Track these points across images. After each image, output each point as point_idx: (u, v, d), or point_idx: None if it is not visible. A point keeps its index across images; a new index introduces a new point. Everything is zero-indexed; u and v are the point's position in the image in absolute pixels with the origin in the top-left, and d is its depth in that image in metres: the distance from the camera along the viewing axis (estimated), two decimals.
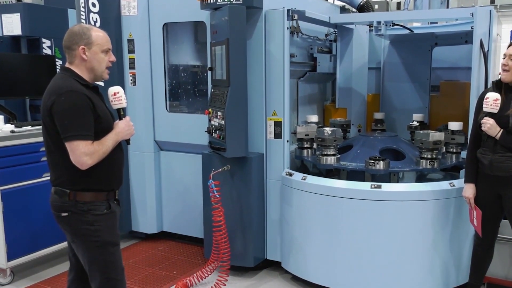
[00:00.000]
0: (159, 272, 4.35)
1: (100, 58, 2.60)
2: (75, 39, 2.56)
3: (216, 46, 3.99)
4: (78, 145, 2.42)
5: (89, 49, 2.56)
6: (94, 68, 2.60)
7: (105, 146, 2.52)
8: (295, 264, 4.07)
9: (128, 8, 4.73)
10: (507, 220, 3.33)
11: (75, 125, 2.44)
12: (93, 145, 2.46)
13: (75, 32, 2.57)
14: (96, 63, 2.60)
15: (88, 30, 2.58)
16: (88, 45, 2.56)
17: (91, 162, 2.46)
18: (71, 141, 2.43)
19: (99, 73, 2.63)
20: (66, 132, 2.44)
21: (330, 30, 5.06)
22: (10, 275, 4.12)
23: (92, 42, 2.56)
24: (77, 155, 2.43)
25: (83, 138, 2.43)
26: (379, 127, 4.94)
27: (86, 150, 2.43)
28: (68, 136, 2.43)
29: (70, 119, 2.44)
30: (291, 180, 3.97)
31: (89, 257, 2.64)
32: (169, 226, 5.03)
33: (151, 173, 4.90)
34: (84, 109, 2.46)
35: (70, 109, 2.44)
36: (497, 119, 3.14)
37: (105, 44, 2.62)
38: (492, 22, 3.75)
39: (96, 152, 2.47)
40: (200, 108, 4.80)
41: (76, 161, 2.45)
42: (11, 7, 5.50)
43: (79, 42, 2.55)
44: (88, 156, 2.44)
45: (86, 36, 2.56)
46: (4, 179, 3.98)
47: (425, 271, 3.66)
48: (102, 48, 2.60)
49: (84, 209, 2.56)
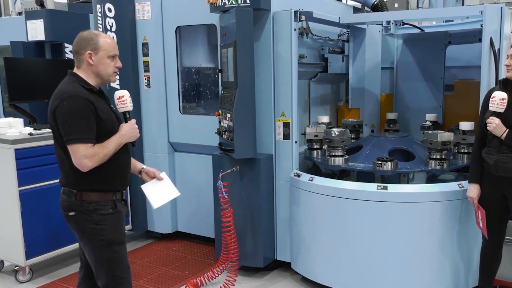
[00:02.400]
0: (171, 272, 4.43)
1: (106, 63, 2.67)
2: (82, 44, 2.64)
3: (225, 49, 4.04)
4: (78, 148, 2.51)
5: (96, 54, 2.64)
6: (100, 72, 2.67)
7: (106, 149, 2.58)
8: (303, 265, 4.08)
9: (142, 13, 4.83)
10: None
11: (75, 129, 2.52)
12: (93, 148, 2.54)
13: (83, 37, 2.66)
14: (102, 68, 2.67)
15: (96, 36, 2.66)
16: (95, 50, 2.64)
17: (91, 164, 2.54)
18: (72, 144, 2.52)
19: (106, 78, 2.71)
20: (67, 135, 2.53)
21: (343, 31, 5.05)
22: (29, 273, 4.27)
23: (99, 47, 2.64)
24: (77, 158, 2.52)
25: (83, 141, 2.52)
26: (392, 127, 4.89)
27: (85, 153, 2.51)
28: (69, 139, 2.53)
29: (71, 123, 2.53)
30: (299, 181, 3.98)
31: (95, 256, 2.72)
32: (183, 226, 5.11)
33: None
34: (85, 113, 2.54)
35: (71, 113, 2.53)
36: (503, 119, 3.08)
37: (111, 50, 2.68)
38: (504, 20, 3.67)
39: (96, 155, 2.54)
40: (212, 109, 4.86)
41: (76, 163, 2.54)
42: (35, 14, 5.71)
43: (86, 47, 2.63)
44: (88, 159, 2.52)
45: (94, 41, 2.64)
46: (23, 180, 4.12)
47: (434, 273, 3.62)
48: (109, 54, 2.67)
49: (90, 209, 2.65)
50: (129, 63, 4.82)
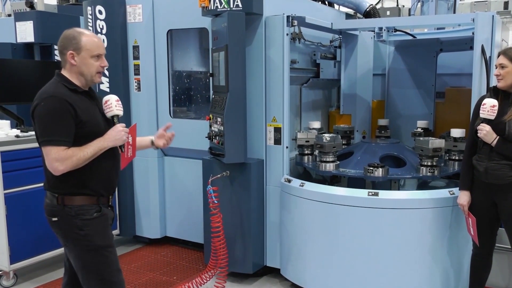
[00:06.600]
0: (159, 277, 4.37)
1: (89, 63, 2.56)
2: (65, 43, 2.56)
3: (217, 53, 4.01)
4: (50, 151, 2.43)
5: (78, 54, 2.54)
6: (83, 73, 2.58)
7: (83, 152, 2.47)
8: (293, 271, 4.04)
9: (133, 15, 4.79)
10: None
11: (49, 130, 2.44)
12: (66, 151, 2.43)
13: (66, 36, 2.57)
14: (85, 68, 2.57)
15: (79, 35, 2.55)
16: (77, 50, 2.54)
17: (63, 168, 2.44)
18: (44, 146, 2.45)
19: (89, 78, 2.61)
20: (40, 136, 2.47)
21: (335, 37, 5.05)
22: (13, 278, 4.19)
23: (81, 47, 2.54)
24: (48, 161, 2.45)
25: (55, 143, 2.43)
26: (383, 133, 4.89)
27: (57, 156, 2.42)
28: (42, 141, 2.46)
29: (45, 124, 2.45)
30: (290, 186, 3.95)
31: (82, 261, 2.63)
32: (172, 231, 5.05)
33: (155, 179, 4.94)
34: (62, 115, 2.45)
35: (47, 114, 2.45)
36: (493, 126, 3.07)
37: (95, 50, 2.57)
38: (495, 28, 3.68)
39: (69, 158, 2.43)
40: (203, 114, 4.82)
41: (48, 166, 2.46)
42: (25, 15, 5.65)
43: (68, 47, 2.54)
44: (59, 162, 2.42)
45: (76, 41, 2.54)
46: (8, 183, 4.05)
47: (424, 280, 3.60)
48: (92, 54, 2.56)
49: (72, 214, 2.55)
50: (119, 66, 4.78)
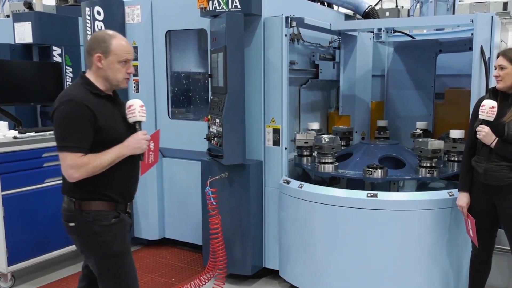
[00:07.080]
0: (158, 279, 4.35)
1: (115, 68, 2.49)
2: (94, 45, 2.49)
3: (216, 53, 4.00)
4: (66, 157, 2.38)
5: (105, 58, 2.47)
6: (108, 77, 2.51)
7: (100, 160, 2.41)
8: (292, 273, 4.03)
9: (132, 16, 4.78)
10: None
11: (66, 136, 2.39)
12: (82, 158, 2.38)
13: (96, 38, 2.51)
14: (111, 73, 2.49)
15: (110, 38, 2.48)
16: (105, 54, 2.46)
17: (78, 175, 2.39)
18: (61, 152, 2.41)
19: (114, 83, 2.54)
20: (57, 141, 2.43)
21: (334, 37, 5.04)
22: (11, 280, 4.16)
23: (110, 51, 2.46)
24: (64, 167, 2.41)
25: (71, 150, 2.37)
26: (382, 134, 4.88)
27: (72, 163, 2.37)
28: (58, 147, 2.41)
29: (63, 129, 2.41)
30: (288, 187, 3.94)
31: (100, 268, 2.58)
32: (171, 232, 5.03)
33: (153, 180, 4.92)
34: (80, 120, 2.39)
35: (65, 118, 2.40)
36: (492, 127, 3.06)
37: (123, 55, 2.49)
38: (494, 29, 3.68)
39: (85, 166, 2.38)
40: (202, 115, 4.81)
41: (64, 172, 2.42)
42: (23, 16, 5.62)
43: (96, 49, 2.47)
44: (74, 169, 2.37)
45: (106, 44, 2.46)
46: (6, 184, 4.02)
47: (423, 281, 3.59)
48: (120, 59, 2.48)
49: (90, 219, 2.48)
50: None
